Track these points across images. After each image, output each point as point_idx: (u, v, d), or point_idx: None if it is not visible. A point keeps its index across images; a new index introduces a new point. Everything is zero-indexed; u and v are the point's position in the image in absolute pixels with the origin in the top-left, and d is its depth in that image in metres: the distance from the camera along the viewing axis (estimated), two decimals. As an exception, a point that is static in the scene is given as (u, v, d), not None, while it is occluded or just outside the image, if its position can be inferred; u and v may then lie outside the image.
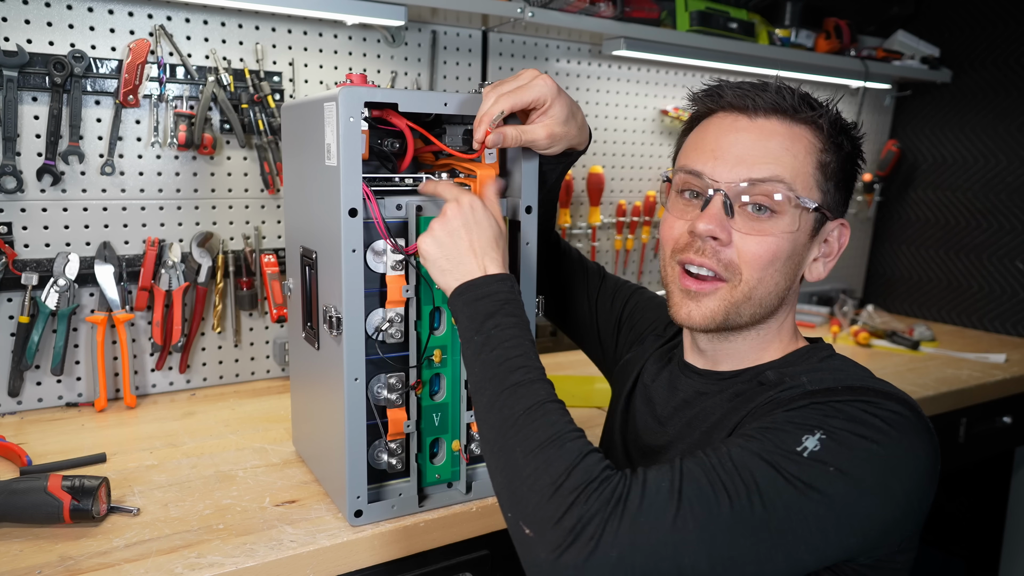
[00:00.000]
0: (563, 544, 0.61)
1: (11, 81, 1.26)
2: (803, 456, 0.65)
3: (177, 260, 1.43)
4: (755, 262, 0.79)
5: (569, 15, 1.62)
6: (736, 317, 0.81)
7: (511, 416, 0.70)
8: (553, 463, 0.66)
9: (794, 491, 0.63)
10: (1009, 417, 1.88)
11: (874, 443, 0.66)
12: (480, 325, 0.76)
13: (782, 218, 0.78)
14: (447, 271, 0.80)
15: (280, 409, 1.40)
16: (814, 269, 0.84)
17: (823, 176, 0.79)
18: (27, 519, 0.92)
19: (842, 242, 0.84)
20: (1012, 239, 2.25)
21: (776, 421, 0.69)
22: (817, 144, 0.79)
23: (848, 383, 0.73)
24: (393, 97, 0.88)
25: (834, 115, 0.81)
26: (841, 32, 2.11)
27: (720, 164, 0.79)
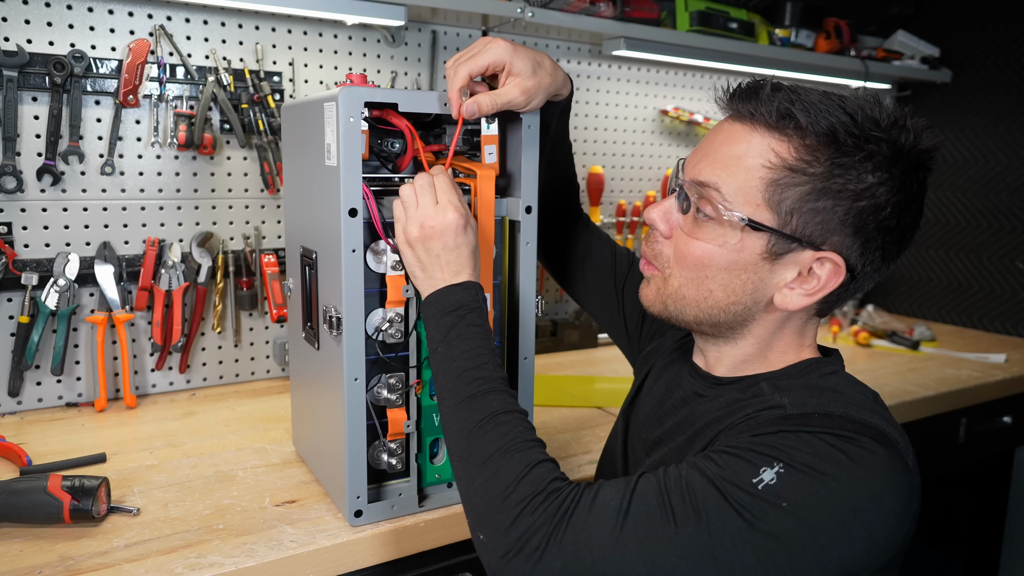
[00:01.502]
0: (511, 551, 0.65)
1: (11, 81, 1.26)
2: (757, 488, 0.63)
3: (177, 260, 1.43)
4: (680, 261, 0.78)
5: (569, 15, 1.62)
6: (677, 312, 0.80)
7: (466, 428, 0.74)
8: (502, 474, 0.69)
9: (743, 523, 0.62)
10: (1009, 417, 1.88)
11: (834, 480, 0.63)
12: (445, 336, 0.79)
13: (718, 227, 0.74)
14: (420, 278, 0.84)
15: (280, 409, 1.40)
16: (786, 296, 0.75)
17: (778, 194, 0.71)
18: (27, 519, 0.92)
19: (827, 281, 0.74)
20: (1012, 239, 2.25)
21: (740, 446, 0.67)
22: (782, 159, 0.71)
23: (828, 409, 0.69)
24: (393, 97, 0.88)
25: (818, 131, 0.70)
26: (841, 32, 2.11)
27: (690, 160, 0.79)
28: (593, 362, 1.83)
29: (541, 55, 0.90)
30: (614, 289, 1.12)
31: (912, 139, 0.71)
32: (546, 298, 2.00)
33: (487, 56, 0.86)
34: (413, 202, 0.84)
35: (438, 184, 0.85)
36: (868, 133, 0.70)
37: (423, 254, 0.82)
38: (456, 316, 0.80)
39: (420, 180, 0.85)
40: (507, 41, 0.87)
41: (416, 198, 0.83)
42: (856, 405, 0.70)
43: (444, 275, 0.82)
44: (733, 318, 0.78)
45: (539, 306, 1.00)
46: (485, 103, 0.85)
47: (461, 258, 0.82)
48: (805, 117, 0.70)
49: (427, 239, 0.82)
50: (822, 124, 0.70)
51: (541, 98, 0.90)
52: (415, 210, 0.83)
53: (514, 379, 1.00)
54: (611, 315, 1.13)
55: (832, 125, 0.70)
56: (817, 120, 0.70)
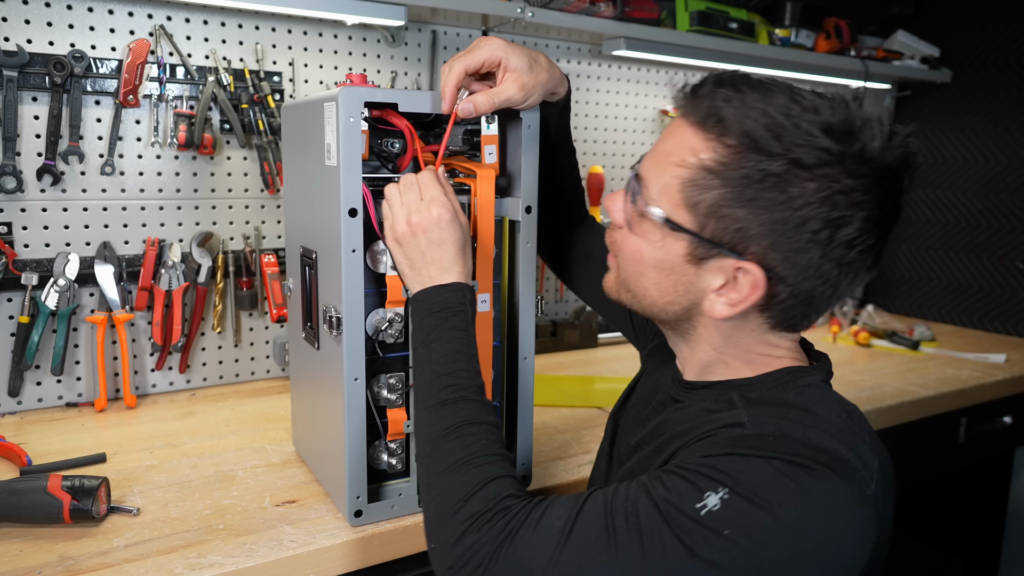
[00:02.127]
0: (455, 566, 0.66)
1: (11, 81, 1.26)
2: (700, 514, 0.60)
3: (177, 260, 1.43)
4: (621, 253, 0.78)
5: (569, 15, 1.62)
6: (630, 302, 0.79)
7: (431, 435, 0.74)
8: (455, 488, 0.69)
9: (682, 549, 0.60)
10: (1009, 417, 1.88)
11: (780, 509, 0.60)
12: (425, 337, 0.79)
13: (647, 223, 0.73)
14: (409, 276, 0.83)
15: (280, 409, 1.40)
16: (714, 304, 0.72)
17: (693, 194, 0.68)
18: (27, 519, 0.92)
19: (753, 292, 0.69)
20: (1012, 239, 2.25)
21: (689, 467, 0.64)
22: (702, 160, 0.67)
23: (786, 431, 0.65)
24: (393, 97, 0.88)
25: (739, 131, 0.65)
26: (841, 32, 2.11)
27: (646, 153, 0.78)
28: (593, 362, 1.83)
29: (537, 53, 0.90)
30: None
31: (871, 147, 0.64)
32: (546, 298, 2.00)
33: (482, 53, 0.86)
34: (398, 200, 0.83)
35: (422, 181, 0.84)
36: (799, 138, 0.64)
37: (411, 250, 0.82)
38: (440, 317, 0.79)
39: (405, 179, 0.85)
40: (501, 39, 0.87)
41: (400, 196, 0.83)
42: (820, 426, 0.66)
43: (431, 272, 0.81)
44: (675, 318, 0.77)
45: (539, 306, 1.00)
46: (482, 102, 0.85)
47: (447, 254, 0.81)
48: (731, 116, 0.66)
49: (413, 235, 0.81)
50: (745, 125, 0.65)
51: (539, 95, 0.90)
52: (400, 208, 0.83)
53: (514, 379, 1.00)
54: (618, 313, 1.12)
55: (755, 127, 0.65)
56: (742, 120, 0.65)
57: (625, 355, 1.89)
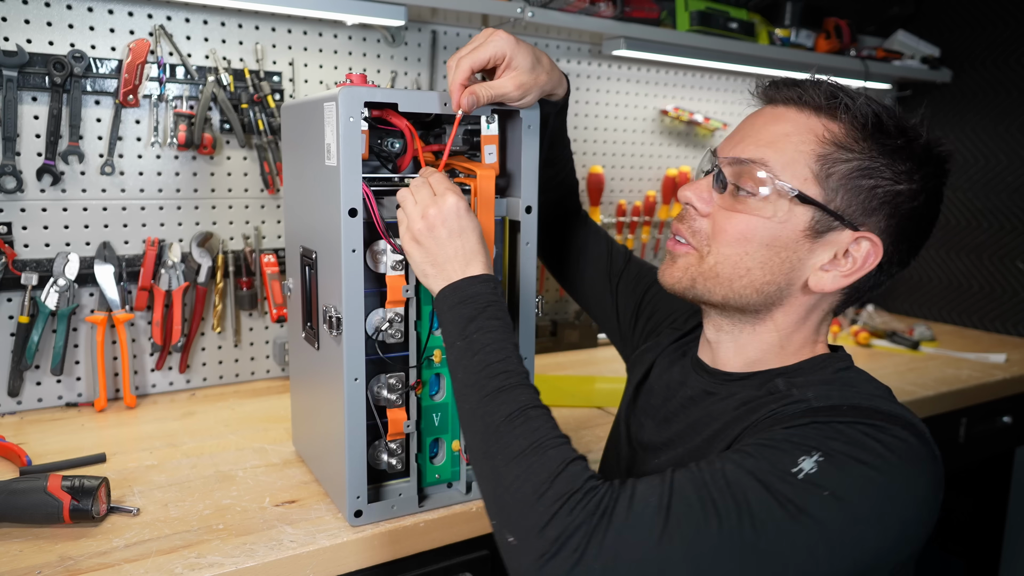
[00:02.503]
0: (547, 553, 0.61)
1: (11, 81, 1.26)
2: (798, 478, 0.62)
3: (177, 260, 1.43)
4: (721, 236, 0.78)
5: (569, 15, 1.62)
6: (705, 292, 0.80)
7: (492, 423, 0.70)
8: (535, 471, 0.65)
9: (785, 514, 0.61)
10: (1009, 417, 1.88)
11: (873, 469, 0.63)
12: (462, 330, 0.76)
13: (760, 201, 0.75)
14: (430, 275, 0.81)
15: (280, 409, 1.40)
16: (820, 278, 0.76)
17: (823, 169, 0.74)
18: (27, 519, 0.92)
19: (864, 260, 0.76)
20: (1012, 239, 2.25)
21: (774, 438, 0.66)
22: (827, 135, 0.75)
23: (854, 402, 0.70)
24: (393, 97, 0.88)
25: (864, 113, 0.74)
26: (841, 32, 2.11)
27: (726, 142, 0.80)
28: (593, 362, 1.83)
29: (541, 53, 0.90)
30: (608, 285, 1.12)
31: (933, 141, 0.76)
32: (546, 298, 2.00)
33: (489, 49, 0.85)
34: (411, 200, 0.83)
35: (432, 179, 0.84)
36: (904, 124, 0.75)
37: (431, 245, 0.80)
38: (474, 308, 0.77)
39: (415, 181, 0.85)
40: (509, 34, 0.86)
41: (413, 195, 0.83)
42: (878, 398, 0.71)
43: (455, 266, 0.79)
44: (763, 300, 0.78)
45: (539, 306, 1.00)
46: (482, 94, 0.85)
47: (469, 244, 0.80)
48: (853, 102, 0.75)
49: (432, 228, 0.80)
50: (869, 108, 0.74)
51: (535, 95, 0.90)
52: (414, 206, 0.82)
53: (514, 379, 1.00)
54: (605, 311, 1.13)
55: (876, 111, 0.74)
56: (864, 106, 0.75)
57: (625, 355, 1.89)
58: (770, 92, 0.80)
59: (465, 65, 0.85)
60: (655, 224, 2.11)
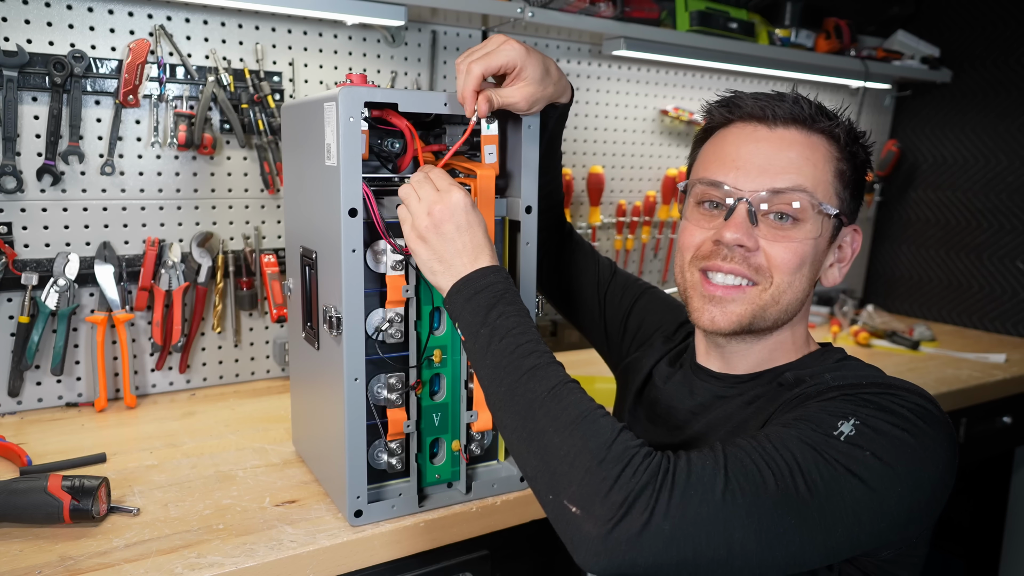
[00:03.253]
0: (614, 517, 0.60)
1: (11, 81, 1.26)
2: (840, 440, 0.65)
3: (177, 260, 1.43)
4: (785, 267, 0.80)
5: (569, 15, 1.62)
6: (761, 321, 0.82)
7: (536, 399, 0.69)
8: (592, 438, 0.65)
9: (835, 473, 0.64)
10: (1009, 417, 1.88)
11: (905, 431, 0.67)
12: (484, 318, 0.76)
13: (805, 225, 0.79)
14: (438, 272, 0.80)
15: (280, 409, 1.40)
16: (830, 274, 0.85)
17: (840, 184, 0.81)
18: (27, 519, 0.92)
19: (855, 247, 0.86)
20: (1012, 239, 2.25)
21: (809, 411, 0.70)
22: (834, 153, 0.81)
23: (871, 378, 0.75)
24: (393, 97, 0.88)
25: (848, 125, 0.83)
26: (841, 32, 2.11)
27: (742, 174, 0.80)
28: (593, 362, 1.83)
29: (549, 61, 0.91)
30: (596, 295, 1.13)
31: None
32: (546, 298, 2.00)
33: (502, 57, 0.85)
34: (414, 196, 0.82)
35: (433, 175, 0.84)
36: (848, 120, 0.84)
37: (437, 242, 0.79)
38: (491, 296, 0.77)
39: (415, 176, 0.84)
40: (521, 43, 0.86)
41: (416, 192, 0.82)
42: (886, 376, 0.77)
43: (464, 261, 0.79)
44: (800, 307, 0.84)
45: (539, 306, 1.00)
46: (495, 99, 0.86)
47: (476, 238, 0.80)
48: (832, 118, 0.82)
49: (438, 224, 0.79)
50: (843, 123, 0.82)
51: (541, 106, 0.91)
52: (418, 203, 0.81)
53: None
54: (592, 320, 1.15)
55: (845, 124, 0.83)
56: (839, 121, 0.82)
57: (625, 355, 1.89)
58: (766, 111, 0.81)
59: (477, 71, 0.84)
60: (655, 224, 2.11)
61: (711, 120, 0.87)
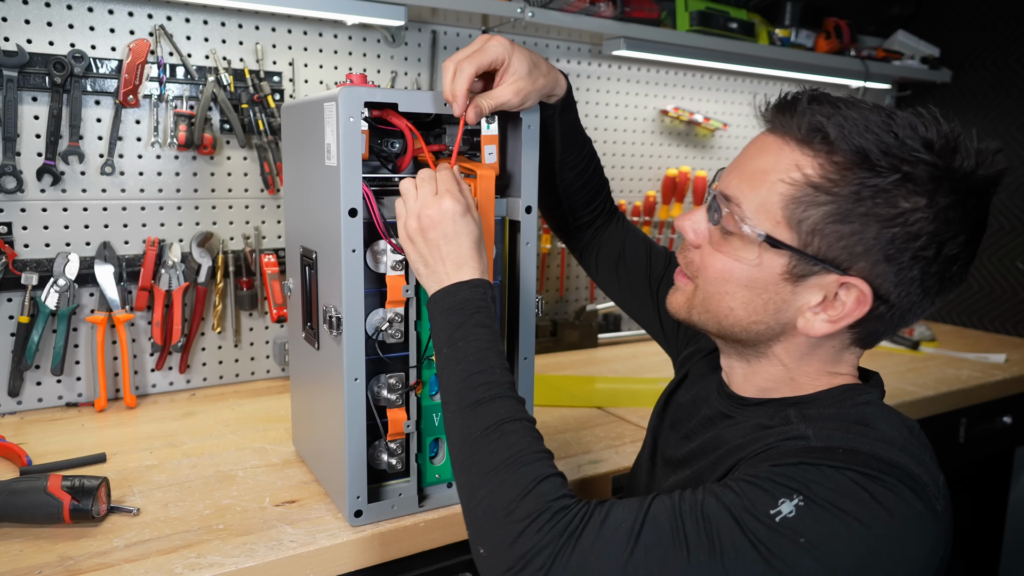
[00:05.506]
0: (513, 568, 0.62)
1: (11, 81, 1.26)
2: (775, 520, 0.60)
3: (177, 260, 1.43)
4: (704, 272, 0.76)
5: (569, 15, 1.62)
6: (701, 323, 0.78)
7: (469, 436, 0.71)
8: (507, 487, 0.66)
9: (757, 556, 0.59)
10: (1009, 417, 1.88)
11: (855, 520, 0.60)
12: (450, 336, 0.76)
13: (739, 242, 0.72)
14: (424, 275, 0.81)
15: (280, 409, 1.40)
16: (809, 321, 0.71)
17: (798, 211, 0.68)
18: (27, 519, 0.92)
19: (853, 310, 0.69)
20: (1012, 239, 2.25)
21: (759, 476, 0.64)
22: (806, 176, 0.67)
23: (853, 445, 0.65)
24: (393, 97, 0.88)
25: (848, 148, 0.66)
26: (841, 32, 2.11)
27: (725, 171, 0.77)
28: (593, 362, 1.83)
29: (537, 57, 0.90)
30: (649, 290, 1.09)
31: (968, 164, 0.66)
32: (546, 298, 2.00)
33: (490, 53, 0.85)
34: (413, 195, 0.82)
35: (439, 176, 0.83)
36: (907, 154, 0.65)
37: (423, 246, 0.80)
38: (462, 315, 0.77)
39: (422, 173, 0.84)
40: (505, 39, 0.86)
41: (416, 190, 0.82)
42: (886, 442, 0.66)
43: (447, 268, 0.79)
44: (755, 338, 0.75)
45: (539, 306, 1.00)
46: (484, 104, 0.85)
47: (462, 249, 0.79)
48: (836, 132, 0.66)
49: (425, 229, 0.79)
50: (854, 141, 0.65)
51: (534, 100, 0.90)
52: (413, 202, 0.81)
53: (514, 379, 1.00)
54: (647, 315, 1.10)
55: (864, 143, 0.65)
56: (849, 136, 0.65)
57: (625, 355, 1.89)
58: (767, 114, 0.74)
59: (468, 70, 0.83)
60: (655, 224, 2.11)
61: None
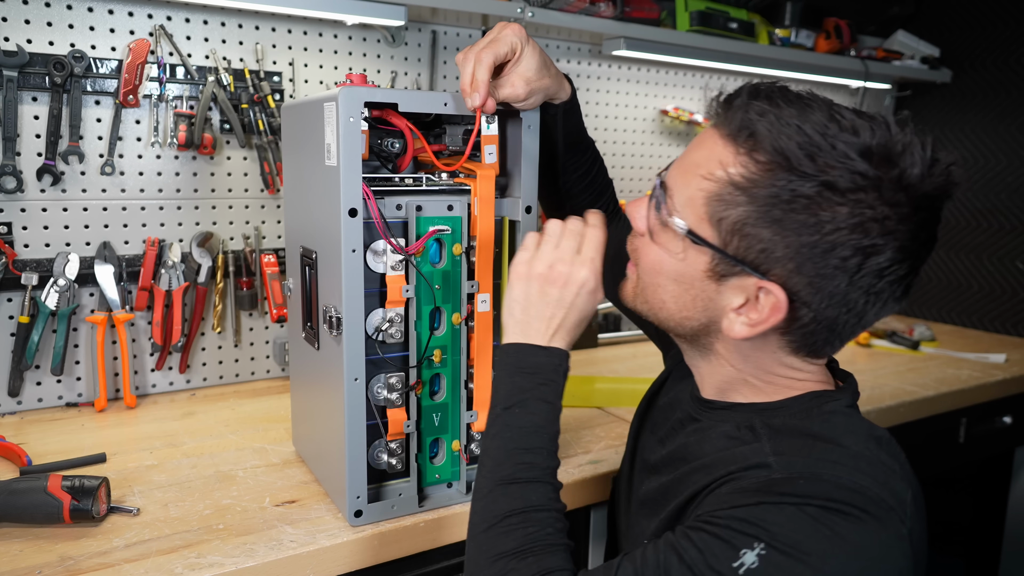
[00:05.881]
0: None
1: (11, 81, 1.26)
2: (739, 573, 0.59)
3: (177, 260, 1.43)
4: (641, 262, 0.76)
5: (569, 15, 1.62)
6: (643, 313, 0.77)
7: (493, 513, 0.72)
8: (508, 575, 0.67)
9: None
10: (1009, 417, 1.88)
11: (820, 560, 0.58)
12: (508, 398, 0.76)
13: (668, 234, 0.71)
14: (513, 320, 0.80)
15: (280, 409, 1.40)
16: (731, 322, 0.69)
17: (716, 215, 0.66)
18: (27, 519, 0.92)
19: (770, 316, 0.66)
20: (1012, 239, 2.25)
21: (720, 522, 0.62)
22: (730, 175, 0.65)
23: (815, 470, 0.63)
24: (393, 97, 0.88)
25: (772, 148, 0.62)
26: (841, 32, 2.11)
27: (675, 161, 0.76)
28: (593, 362, 1.83)
29: (547, 57, 0.90)
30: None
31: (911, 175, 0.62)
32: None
33: (506, 43, 0.84)
34: (555, 241, 0.79)
35: (587, 236, 0.80)
36: (834, 160, 0.61)
37: (535, 295, 0.77)
38: (530, 381, 0.75)
39: (571, 224, 0.81)
40: (521, 28, 0.85)
41: (560, 239, 0.79)
42: (850, 463, 0.64)
43: (539, 327, 0.77)
44: (692, 333, 0.74)
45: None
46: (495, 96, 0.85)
47: (567, 322, 0.78)
48: (764, 131, 0.63)
49: (548, 282, 0.77)
50: (779, 141, 0.62)
51: (539, 97, 0.90)
52: (552, 250, 0.79)
53: (514, 379, 1.00)
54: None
55: (788, 144, 0.61)
56: (775, 136, 0.62)
57: (625, 355, 1.89)
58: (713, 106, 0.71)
59: (487, 60, 0.82)
60: (655, 224, 2.11)
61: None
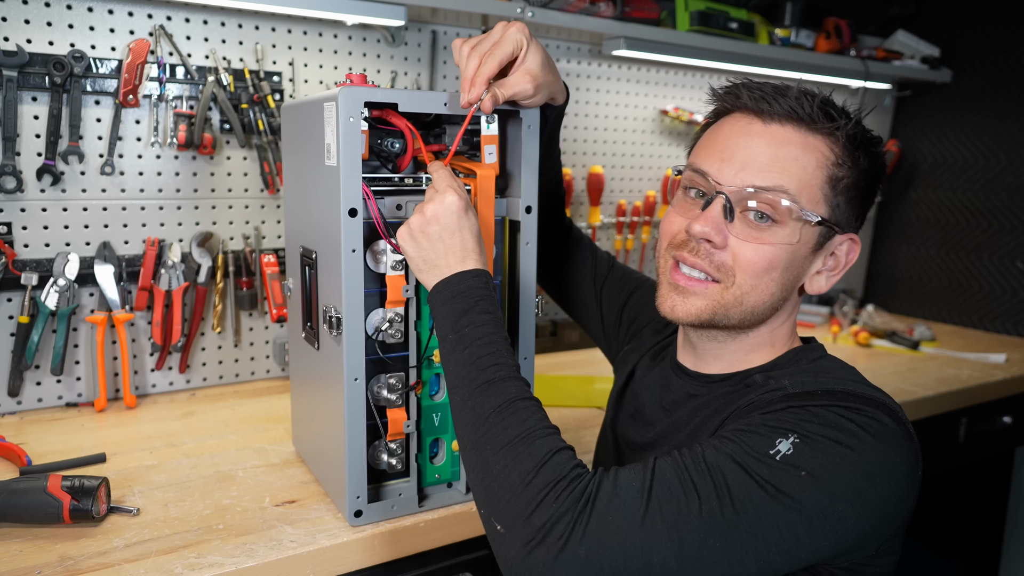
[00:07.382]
0: (533, 540, 0.63)
1: (11, 81, 1.26)
2: (775, 459, 0.64)
3: (177, 260, 1.43)
4: (750, 268, 0.78)
5: (569, 15, 1.62)
6: (723, 319, 0.80)
7: (482, 414, 0.72)
8: (522, 460, 0.67)
9: (765, 495, 0.63)
10: (1009, 417, 1.88)
11: (848, 448, 0.65)
12: (454, 323, 0.77)
13: (782, 228, 0.77)
14: (423, 270, 0.81)
15: (280, 409, 1.40)
16: (815, 282, 0.82)
17: (832, 190, 0.78)
18: (27, 519, 0.92)
19: (850, 258, 0.82)
20: (1012, 239, 2.25)
21: (752, 424, 0.69)
22: (831, 157, 0.77)
23: (829, 387, 0.73)
24: (393, 97, 0.88)
25: (853, 129, 0.78)
26: (841, 32, 2.11)
27: (726, 167, 0.78)
28: (593, 362, 1.83)
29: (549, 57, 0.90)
30: (593, 290, 1.14)
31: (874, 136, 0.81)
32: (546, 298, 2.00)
33: (511, 44, 0.84)
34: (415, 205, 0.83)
35: (436, 174, 0.84)
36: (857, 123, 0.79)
37: (425, 243, 0.80)
38: (466, 302, 0.77)
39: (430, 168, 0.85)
40: (525, 26, 0.85)
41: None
42: (853, 383, 0.74)
43: (449, 261, 0.79)
44: (771, 311, 0.82)
45: (539, 306, 1.00)
46: (500, 94, 0.84)
47: (465, 242, 0.80)
48: (845, 121, 0.78)
49: (427, 224, 0.79)
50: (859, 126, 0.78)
51: (544, 95, 0.90)
52: (415, 208, 0.82)
53: (514, 379, 1.00)
54: (590, 315, 1.15)
55: (862, 131, 0.79)
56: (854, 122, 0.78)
57: (625, 355, 1.89)
58: (762, 105, 0.78)
59: (493, 62, 0.82)
60: (655, 224, 2.11)
61: (715, 107, 0.86)
